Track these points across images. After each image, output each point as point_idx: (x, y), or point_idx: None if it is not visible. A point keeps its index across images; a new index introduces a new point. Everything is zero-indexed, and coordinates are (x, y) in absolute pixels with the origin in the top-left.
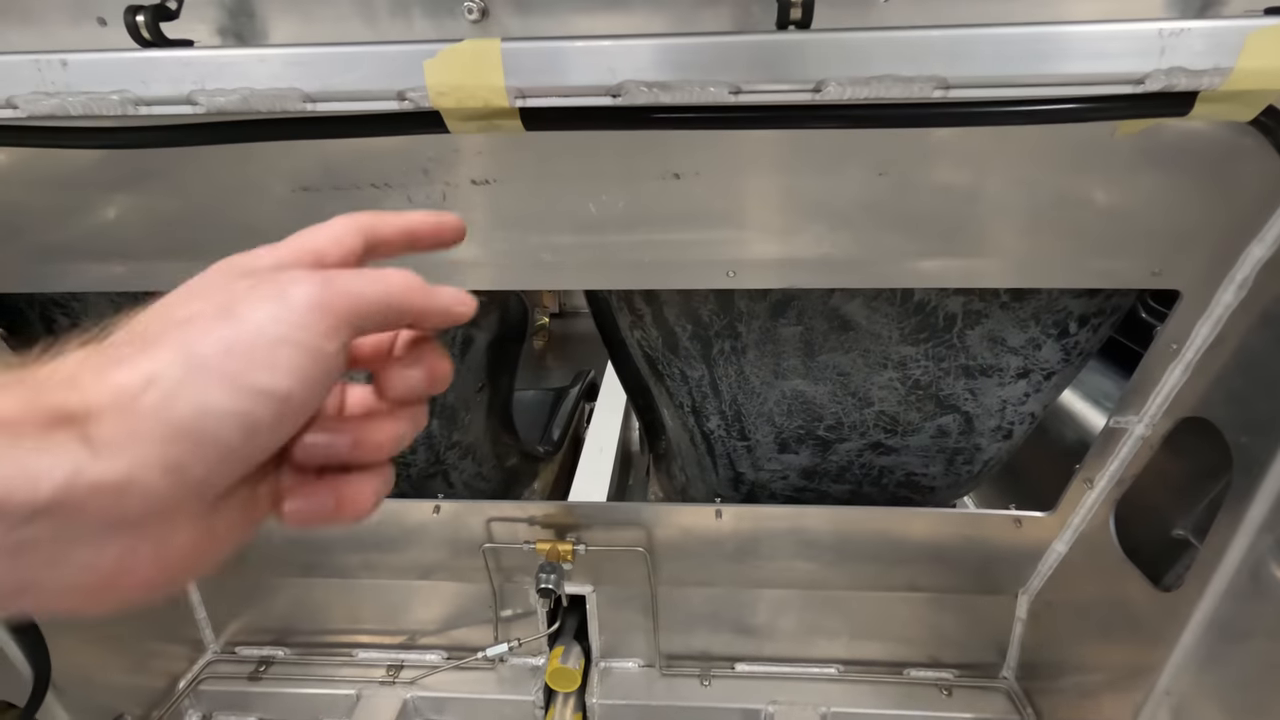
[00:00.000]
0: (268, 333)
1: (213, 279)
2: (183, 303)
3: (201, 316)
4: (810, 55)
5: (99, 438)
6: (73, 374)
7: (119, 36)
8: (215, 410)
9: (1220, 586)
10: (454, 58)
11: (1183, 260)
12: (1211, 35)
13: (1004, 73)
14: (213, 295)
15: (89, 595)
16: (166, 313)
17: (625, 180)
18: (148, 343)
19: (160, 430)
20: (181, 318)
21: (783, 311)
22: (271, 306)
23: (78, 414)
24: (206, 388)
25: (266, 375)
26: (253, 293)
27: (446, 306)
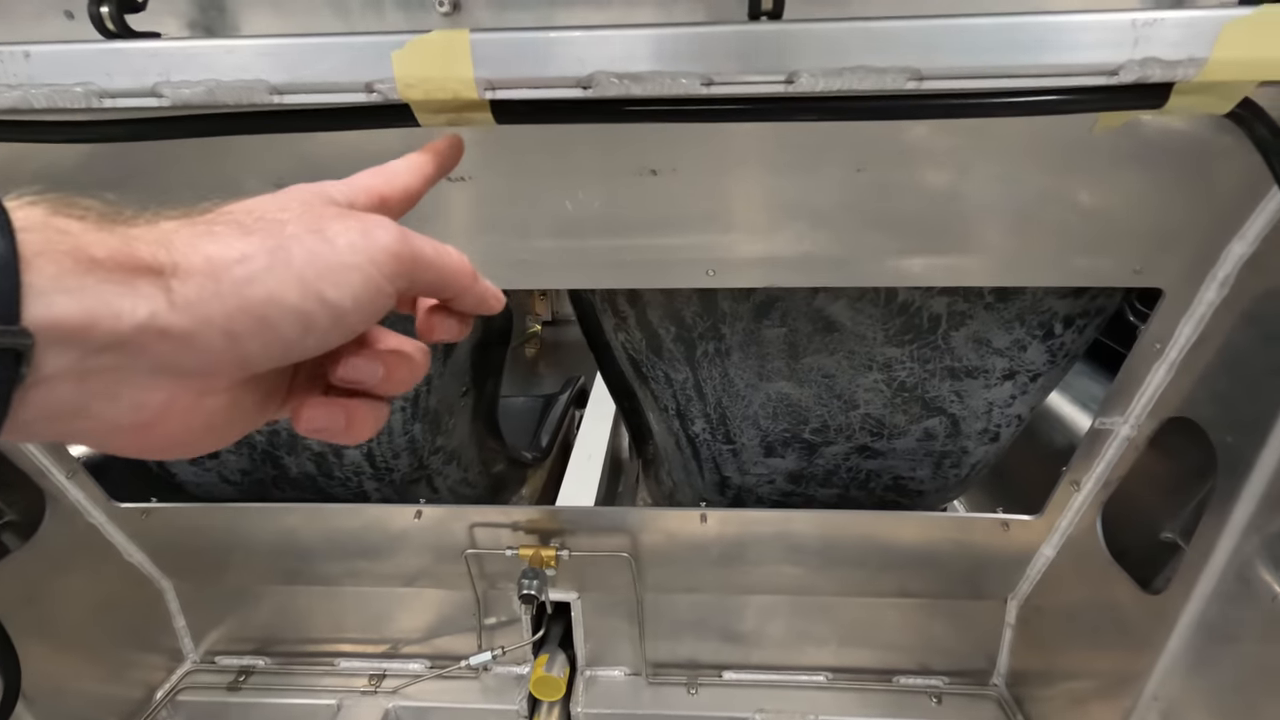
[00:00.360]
0: (346, 258)
1: (299, 198)
2: (277, 208)
3: (295, 224)
4: (782, 46)
5: (180, 292)
6: (167, 235)
7: (86, 30)
8: (284, 302)
9: (1207, 589)
10: (422, 49)
11: (1164, 258)
12: (1186, 25)
13: (977, 64)
14: (303, 212)
15: (129, 435)
16: (261, 210)
17: (602, 177)
18: (244, 229)
19: (235, 302)
20: (275, 218)
21: (766, 313)
22: (357, 238)
23: (165, 268)
24: (285, 281)
25: (334, 290)
26: (341, 221)
27: (483, 296)
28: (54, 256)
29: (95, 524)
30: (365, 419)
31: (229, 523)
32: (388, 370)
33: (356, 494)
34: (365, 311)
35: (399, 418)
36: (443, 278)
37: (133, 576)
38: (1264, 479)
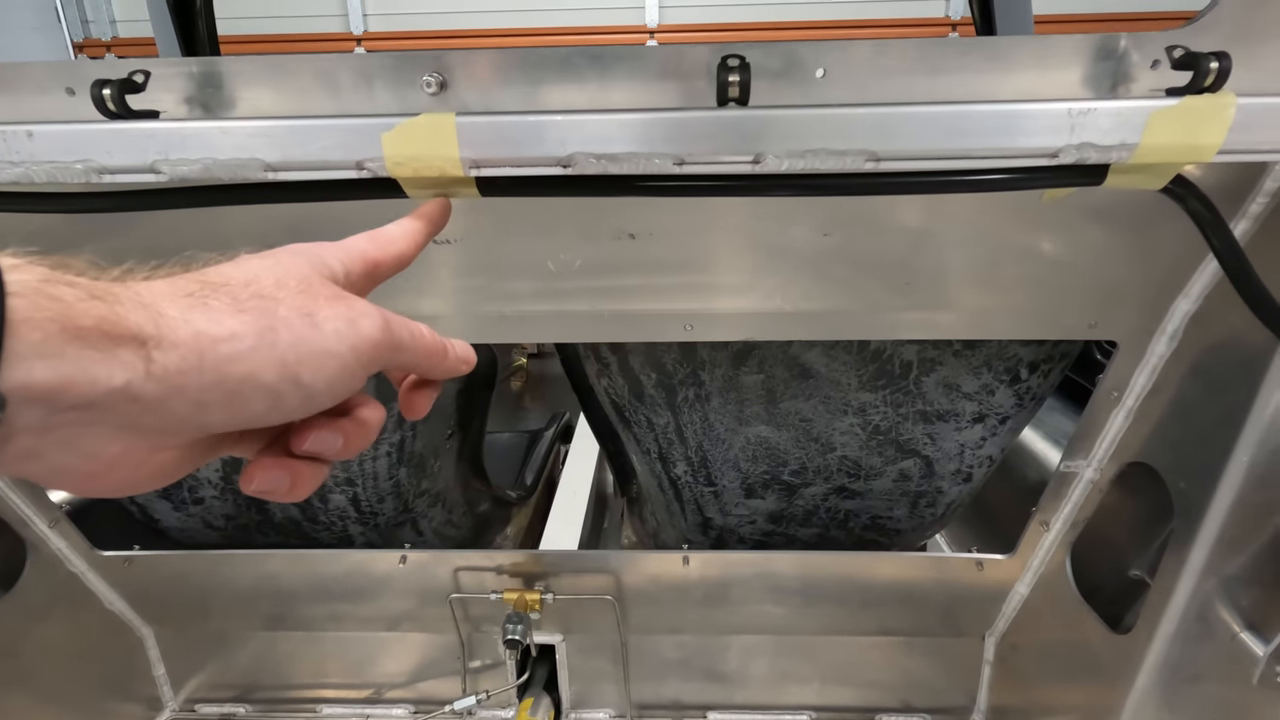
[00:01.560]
0: (330, 345)
1: (297, 274)
2: (274, 283)
3: (288, 304)
4: (748, 130)
5: (160, 363)
6: (158, 301)
7: (87, 104)
8: (261, 381)
9: (1170, 629)
10: (410, 131)
11: (1117, 313)
12: (1117, 114)
13: (929, 147)
14: (299, 291)
15: (78, 479)
16: (258, 285)
17: (582, 240)
18: (238, 305)
19: (213, 377)
20: (271, 296)
21: (744, 360)
22: (343, 327)
23: (150, 339)
24: (267, 362)
25: (311, 375)
26: (332, 306)
27: (454, 367)
28: (40, 323)
29: (76, 572)
30: (309, 480)
31: (211, 569)
32: (346, 441)
33: (341, 538)
34: (336, 393)
35: (384, 462)
36: (416, 359)
37: (113, 625)
38: (1217, 523)
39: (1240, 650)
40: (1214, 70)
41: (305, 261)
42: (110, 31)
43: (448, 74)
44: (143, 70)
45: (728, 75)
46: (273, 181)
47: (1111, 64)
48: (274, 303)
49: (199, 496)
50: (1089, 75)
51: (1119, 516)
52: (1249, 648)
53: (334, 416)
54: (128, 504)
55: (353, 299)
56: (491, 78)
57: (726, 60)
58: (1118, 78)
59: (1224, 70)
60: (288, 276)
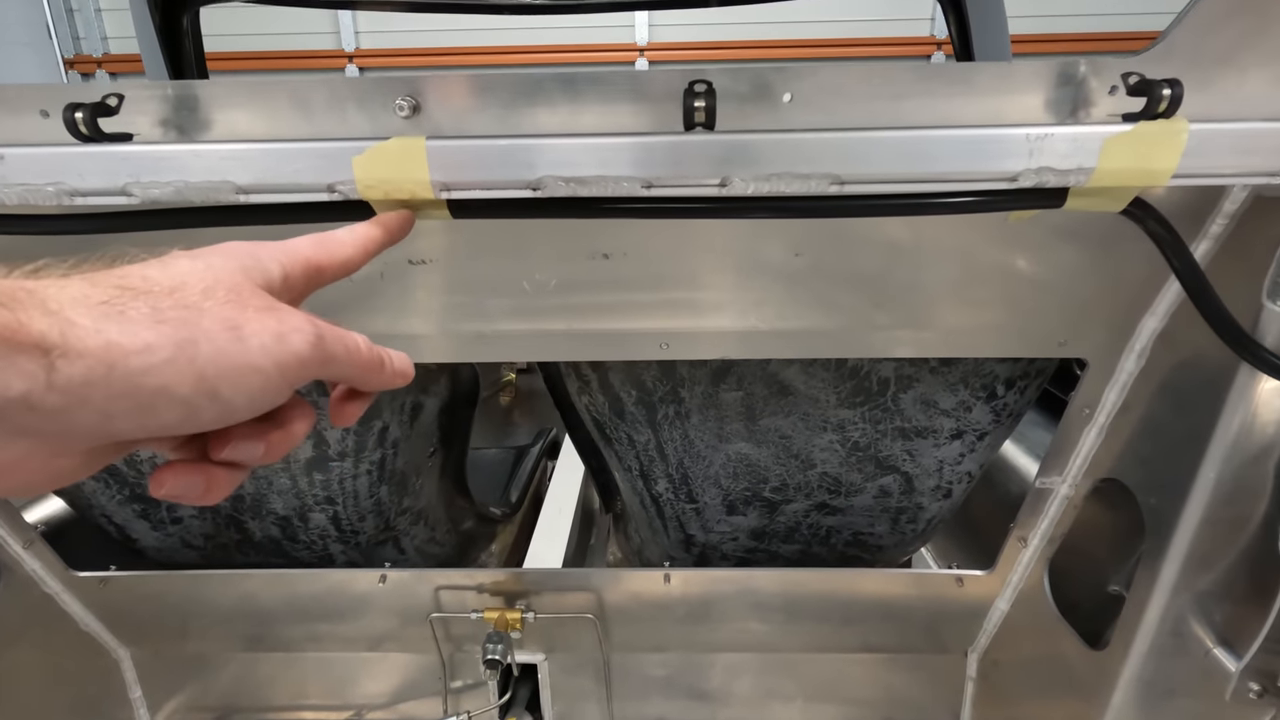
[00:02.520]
0: (254, 360)
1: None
2: (201, 291)
3: (213, 315)
4: (714, 155)
5: (64, 373)
6: (71, 305)
7: (60, 127)
8: (174, 394)
9: (1144, 645)
10: (381, 155)
11: (1086, 331)
12: (1073, 140)
13: (891, 171)
14: (227, 300)
15: None
16: (184, 293)
17: (556, 260)
18: (157, 315)
19: (121, 388)
20: (195, 305)
21: (723, 377)
22: (270, 342)
23: (54, 347)
24: (182, 376)
25: (230, 390)
26: (261, 319)
27: (389, 381)
28: None
29: (51, 593)
30: (225, 485)
31: (190, 589)
32: (268, 450)
33: (321, 557)
34: (257, 407)
35: (365, 481)
36: (350, 373)
37: (88, 646)
38: (1187, 539)
39: (1214, 666)
40: (1167, 97)
41: (238, 266)
42: (101, 48)
43: (420, 97)
44: (116, 93)
45: (694, 100)
46: (245, 204)
47: (1071, 89)
48: (198, 313)
49: (177, 516)
50: (1050, 100)
51: (1095, 532)
52: (1222, 663)
53: (257, 423)
54: (105, 524)
55: (285, 310)
56: (464, 102)
57: (693, 86)
58: (1078, 102)
59: (1176, 97)
60: (217, 284)
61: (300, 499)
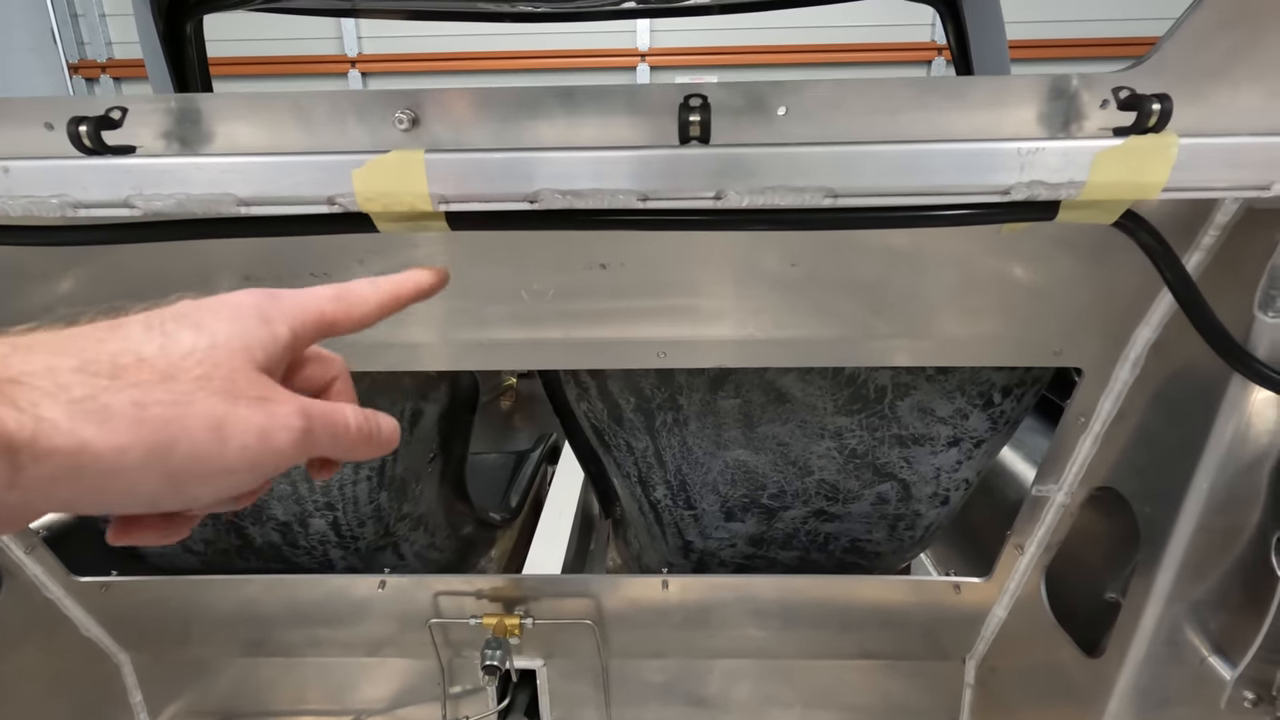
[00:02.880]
0: (230, 462)
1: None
2: (197, 373)
3: (198, 412)
4: (709, 168)
5: (30, 473)
6: (39, 402)
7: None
8: (140, 493)
9: (1140, 653)
10: (380, 168)
11: (1080, 341)
12: (1064, 154)
13: (885, 184)
14: (221, 388)
15: None
16: (176, 379)
17: (554, 271)
18: (140, 411)
19: (89, 484)
20: (185, 397)
21: (721, 385)
22: (252, 443)
23: (22, 447)
24: (152, 477)
25: (198, 488)
26: (247, 418)
27: (373, 454)
28: None
29: (53, 598)
30: (183, 529)
31: (190, 594)
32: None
33: (322, 562)
34: (221, 498)
35: (365, 487)
36: (334, 453)
37: (89, 651)
38: (1181, 548)
39: (1209, 674)
40: (1156, 112)
41: (241, 343)
42: (106, 53)
43: (420, 110)
44: (120, 107)
45: (689, 115)
46: (245, 216)
47: (1064, 103)
48: (184, 409)
49: None
50: (1043, 114)
51: (1091, 540)
52: (1217, 671)
53: None
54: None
55: (276, 401)
56: (463, 115)
57: (689, 100)
58: (1070, 116)
59: (1166, 111)
60: (214, 371)
61: (300, 505)
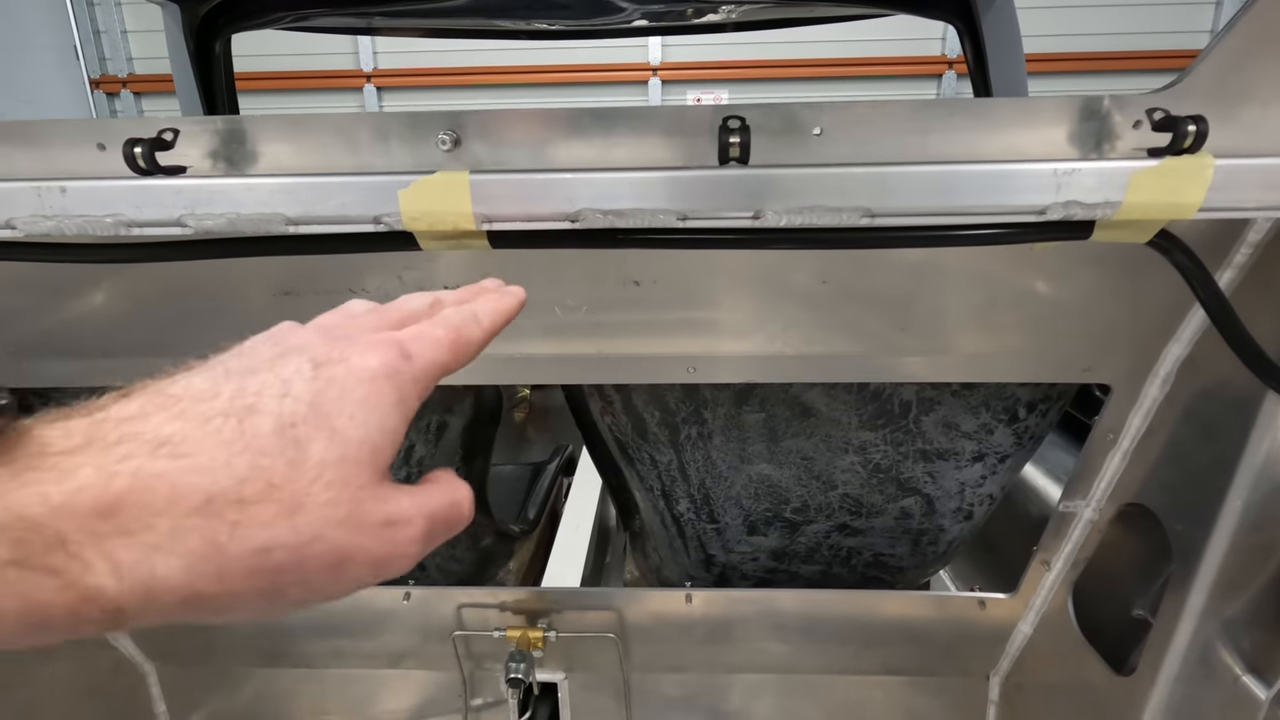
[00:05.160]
0: (341, 592)
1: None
2: (326, 498)
3: (319, 557)
4: (749, 188)
5: (125, 624)
6: (138, 563)
7: (116, 159)
8: (240, 619)
9: (1172, 671)
10: (426, 188)
11: (1110, 357)
12: (1100, 174)
13: (921, 204)
14: (346, 517)
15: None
16: (301, 508)
17: (588, 287)
18: (259, 563)
19: (184, 618)
20: (307, 535)
21: (746, 399)
22: (366, 575)
23: (121, 612)
24: (256, 611)
25: (294, 609)
26: (367, 549)
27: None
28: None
29: None
30: None
31: None
32: None
33: None
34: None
35: None
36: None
37: (116, 662)
38: (1214, 565)
39: (1243, 693)
40: (1192, 133)
41: (370, 449)
42: (127, 69)
43: (461, 131)
44: (172, 128)
45: (728, 136)
46: (294, 235)
47: (1095, 124)
48: (306, 549)
49: None
50: (1074, 134)
51: (1120, 557)
52: (1252, 691)
53: None
54: None
55: (399, 524)
56: (504, 136)
57: (727, 121)
58: (1102, 136)
59: (1201, 133)
60: (344, 488)
61: None
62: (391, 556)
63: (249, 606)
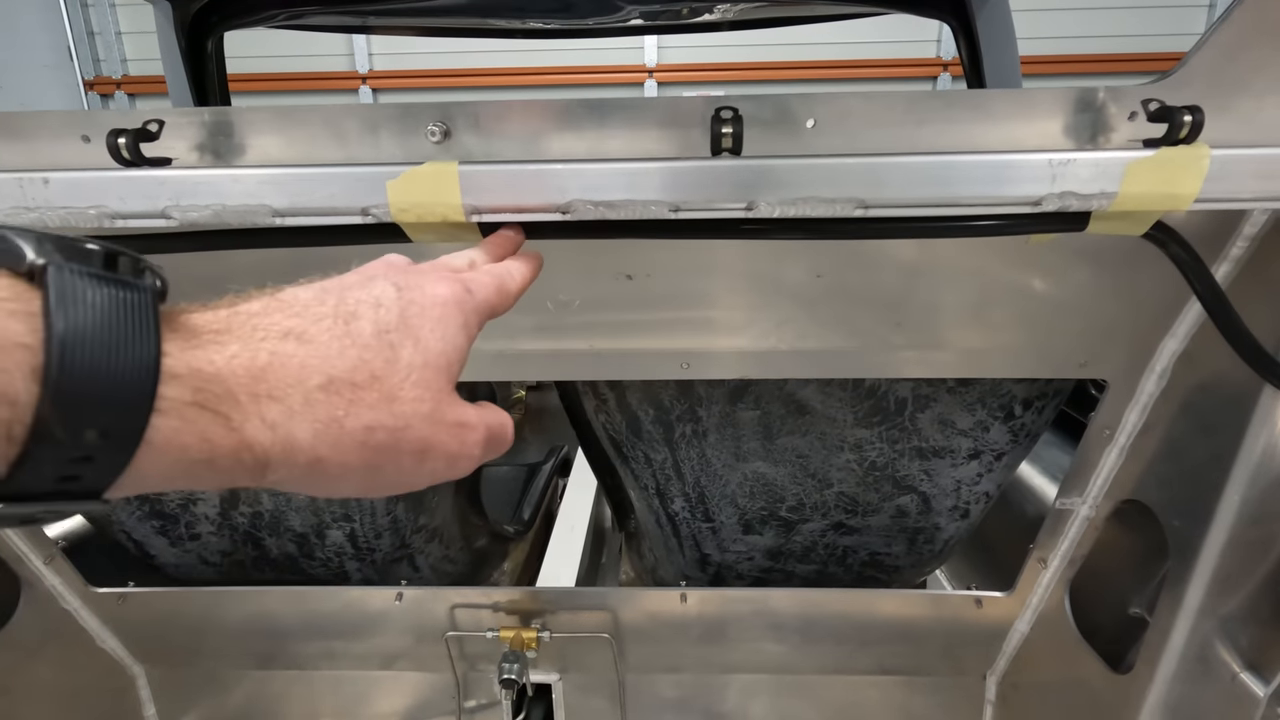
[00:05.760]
0: (421, 479)
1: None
2: (415, 395)
3: (410, 440)
4: (742, 179)
5: (270, 479)
6: (286, 422)
7: (101, 152)
8: (342, 493)
9: (1169, 669)
10: (414, 179)
11: (1106, 352)
12: (1095, 165)
13: (915, 195)
14: (431, 413)
15: None
16: (399, 398)
17: (580, 281)
18: (369, 435)
19: (309, 485)
20: (403, 417)
21: (741, 396)
22: (442, 468)
23: (271, 463)
24: (359, 487)
25: (390, 491)
26: (444, 444)
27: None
28: (177, 449)
29: (70, 610)
30: None
31: (206, 606)
32: None
33: (337, 574)
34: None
35: (381, 499)
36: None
37: (104, 664)
38: (1212, 561)
39: (1241, 691)
40: (1188, 123)
41: (445, 361)
42: (121, 70)
43: (451, 123)
44: (157, 119)
45: (721, 127)
46: (280, 227)
47: (1091, 115)
48: (401, 433)
49: (195, 532)
50: (1070, 125)
51: (1117, 554)
52: (1250, 688)
53: None
54: (124, 540)
55: (469, 427)
56: (494, 127)
57: (720, 112)
58: (1097, 128)
59: (1197, 124)
60: (427, 389)
61: (317, 516)
62: (460, 454)
63: (355, 479)
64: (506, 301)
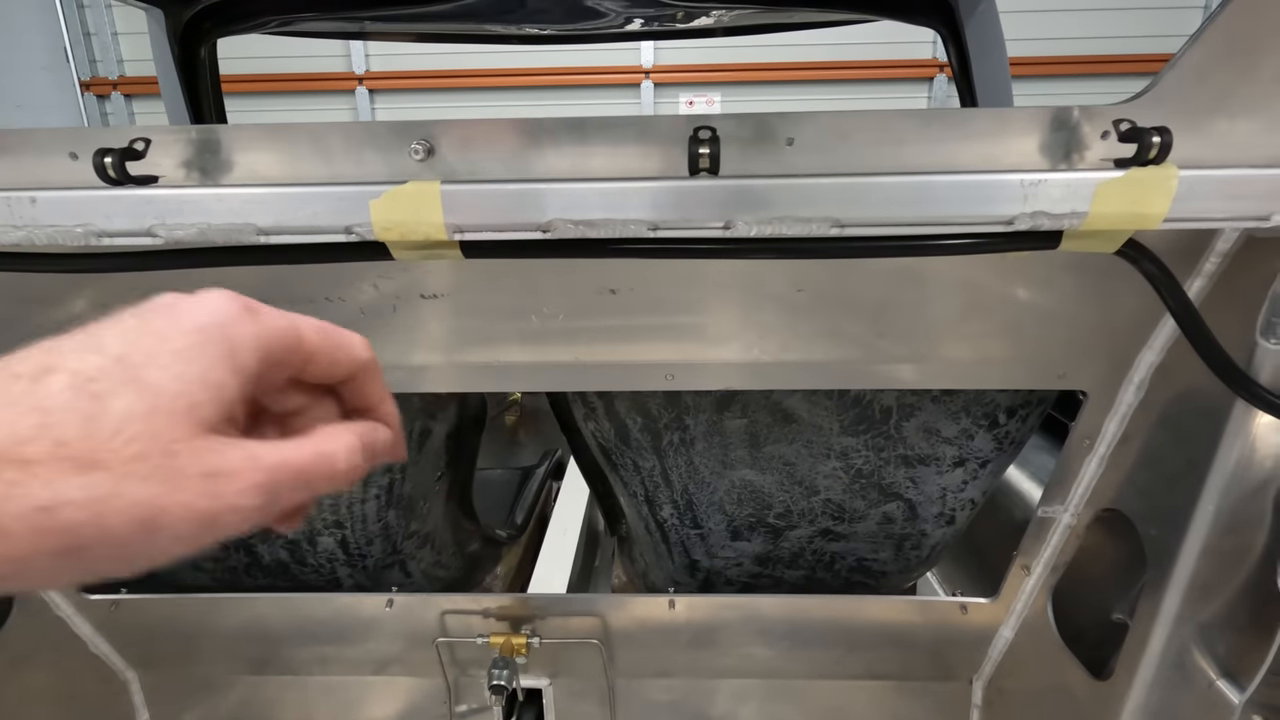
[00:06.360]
0: (160, 552)
1: (172, 425)
2: (122, 442)
3: (116, 513)
4: (718, 199)
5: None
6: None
7: (88, 170)
8: (53, 584)
9: (1148, 676)
10: (397, 198)
11: (1084, 364)
12: (1066, 185)
13: (889, 215)
14: (159, 466)
15: None
16: (96, 452)
17: (564, 295)
18: (45, 523)
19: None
20: (107, 485)
21: (727, 405)
22: (189, 532)
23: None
24: (65, 576)
25: (109, 552)
26: (186, 507)
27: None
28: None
29: (63, 616)
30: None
31: (199, 612)
32: None
33: (329, 580)
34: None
35: (373, 505)
36: (318, 494)
37: (98, 670)
38: (1188, 570)
39: (1217, 698)
40: (1157, 144)
41: (187, 402)
42: (117, 70)
43: (434, 141)
44: (143, 138)
45: (698, 147)
46: (265, 245)
47: (1065, 134)
48: (104, 504)
49: None
50: (1045, 145)
51: (1098, 561)
52: (1225, 695)
53: None
54: None
55: (225, 476)
56: (477, 146)
57: (698, 132)
58: (1071, 147)
59: (1166, 144)
60: (154, 441)
61: (309, 522)
62: (218, 510)
63: (46, 568)
64: (330, 348)
